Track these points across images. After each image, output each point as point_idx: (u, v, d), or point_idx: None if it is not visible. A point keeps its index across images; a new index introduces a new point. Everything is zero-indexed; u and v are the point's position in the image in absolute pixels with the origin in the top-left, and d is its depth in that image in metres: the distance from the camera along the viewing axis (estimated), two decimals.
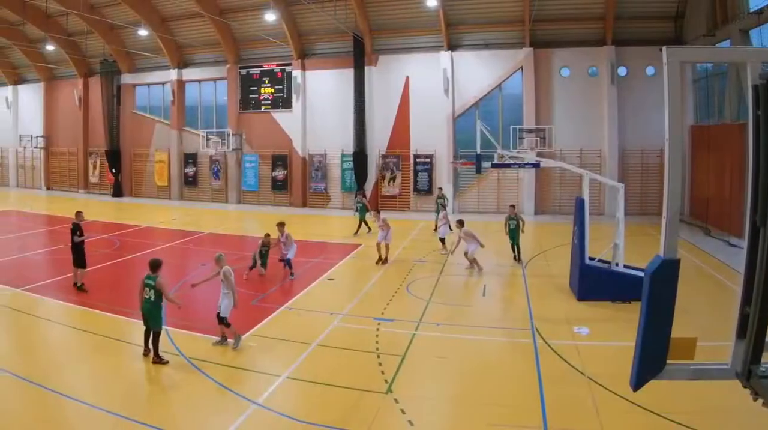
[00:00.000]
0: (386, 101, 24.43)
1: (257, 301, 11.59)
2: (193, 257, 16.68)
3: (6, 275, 13.46)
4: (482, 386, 7.60)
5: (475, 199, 23.38)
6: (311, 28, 25.67)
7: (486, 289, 12.48)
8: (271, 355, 8.91)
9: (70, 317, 10.61)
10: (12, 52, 34.64)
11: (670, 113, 2.76)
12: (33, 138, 34.66)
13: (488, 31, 22.76)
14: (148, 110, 31.11)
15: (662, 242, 2.91)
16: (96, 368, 8.38)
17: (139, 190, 31.25)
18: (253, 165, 27.51)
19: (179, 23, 28.08)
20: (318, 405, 7.11)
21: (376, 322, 10.10)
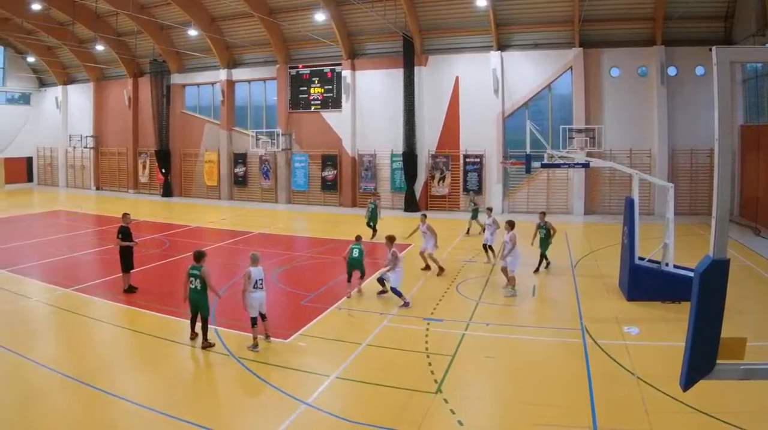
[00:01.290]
0: (436, 101, 28.20)
1: (307, 301, 13.48)
2: (242, 257, 19.08)
3: (56, 275, 15.80)
4: (532, 386, 8.64)
5: (524, 200, 26.91)
6: (361, 28, 29.65)
7: (535, 289, 14.17)
8: (320, 355, 10.23)
9: (119, 317, 12.39)
10: (62, 52, 40.16)
11: (720, 113, 3.01)
12: (82, 138, 40.19)
13: (538, 31, 26.21)
14: (197, 110, 35.99)
15: (712, 242, 3.20)
16: (145, 368, 9.75)
17: (188, 190, 36.15)
18: (303, 165, 31.79)
19: (229, 23, 32.55)
20: (367, 405, 8.10)
21: (426, 322, 11.64)
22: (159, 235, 22.28)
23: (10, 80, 42.65)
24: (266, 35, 31.22)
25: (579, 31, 25.07)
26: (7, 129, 42.28)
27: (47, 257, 18.57)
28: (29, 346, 10.52)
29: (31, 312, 12.95)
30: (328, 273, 16.06)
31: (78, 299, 13.62)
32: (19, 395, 8.51)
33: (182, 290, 10.48)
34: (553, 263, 16.49)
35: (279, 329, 11.09)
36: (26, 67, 43.06)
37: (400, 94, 28.51)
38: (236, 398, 8.52)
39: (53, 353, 10.37)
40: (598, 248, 18.97)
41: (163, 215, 28.53)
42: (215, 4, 31.66)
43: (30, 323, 12.14)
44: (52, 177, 43.46)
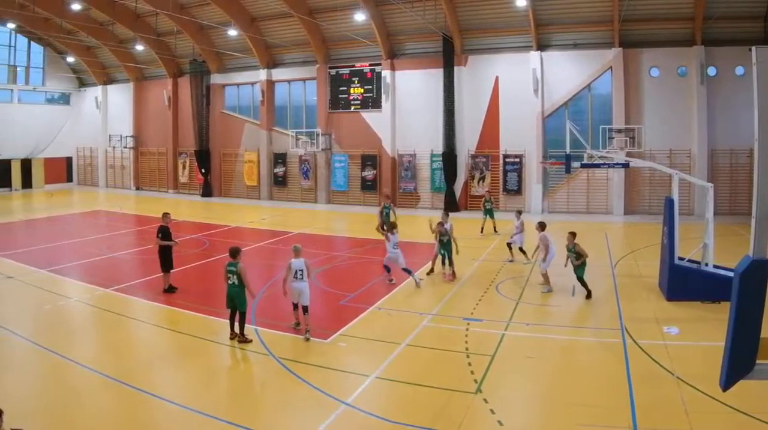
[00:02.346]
0: (475, 101, 31.37)
1: (346, 301, 14.89)
2: (282, 257, 20.78)
3: (96, 276, 17.53)
4: (571, 386, 9.57)
5: (564, 200, 29.86)
6: (400, 28, 33.01)
7: (575, 289, 15.36)
8: (360, 355, 11.39)
9: (158, 317, 13.83)
10: (101, 52, 44.82)
11: (760, 113, 3.36)
12: (122, 138, 44.75)
13: (577, 31, 29.11)
14: (237, 110, 40.07)
15: (752, 242, 3.56)
16: (184, 368, 10.82)
17: (228, 190, 40.23)
18: (343, 165, 35.33)
19: (268, 23, 36.33)
20: (407, 405, 9.00)
21: (466, 322, 12.90)
22: (198, 235, 25.00)
23: (50, 80, 47.69)
24: (306, 35, 34.80)
25: (619, 31, 27.82)
26: (47, 129, 47.32)
27: (87, 257, 20.71)
28: (69, 346, 11.92)
29: (71, 312, 14.57)
30: (368, 273, 17.94)
31: (118, 299, 15.27)
32: (60, 395, 9.65)
33: (223, 284, 11.99)
34: (593, 263, 16.89)
35: (319, 328, 12.56)
36: (66, 67, 47.98)
37: (440, 94, 31.74)
38: (275, 398, 9.53)
39: (93, 353, 11.72)
40: (638, 248, 21.04)
41: (203, 215, 32.04)
42: (255, 4, 35.42)
43: (70, 323, 13.78)
44: (92, 177, 48.29)
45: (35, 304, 15.26)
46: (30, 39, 45.46)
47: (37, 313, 14.50)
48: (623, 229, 26.17)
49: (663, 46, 27.72)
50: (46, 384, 10.17)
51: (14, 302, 15.51)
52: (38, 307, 14.95)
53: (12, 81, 45.42)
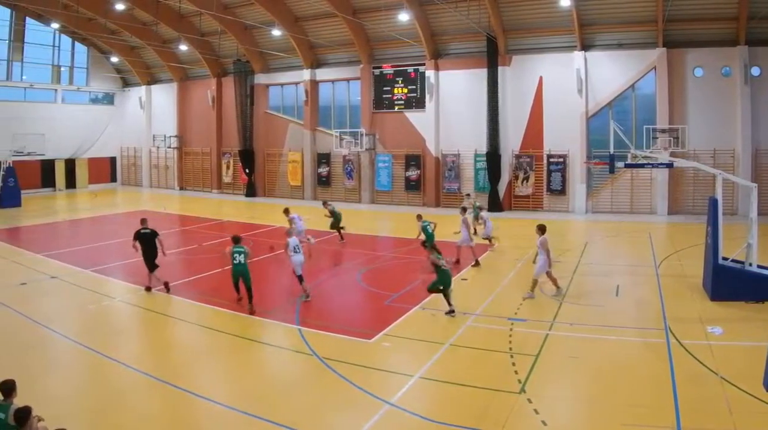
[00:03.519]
0: (519, 101, 34.44)
1: (390, 301, 16.27)
2: (325, 257, 23.19)
3: (139, 275, 18.72)
4: (615, 386, 10.45)
5: (608, 200, 32.71)
6: (444, 28, 36.26)
7: (619, 289, 16.84)
8: (404, 355, 12.47)
9: (201, 317, 15.20)
10: (145, 52, 49.26)
11: None
12: (166, 138, 49.06)
13: (621, 31, 31.95)
14: (281, 110, 44.07)
15: None
16: (228, 367, 11.94)
17: (272, 190, 44.26)
18: (387, 165, 38.76)
19: (312, 23, 40.04)
20: (451, 405, 9.84)
21: (510, 322, 14.04)
22: (242, 235, 27.29)
23: (93, 80, 52.62)
24: (350, 35, 38.33)
25: (663, 31, 30.53)
26: (91, 129, 52.29)
27: (130, 257, 21.20)
28: (113, 346, 13.07)
29: (114, 312, 16.03)
30: (412, 273, 19.26)
31: (161, 299, 16.77)
32: (104, 395, 10.61)
33: (229, 262, 15.69)
34: (637, 263, 20.64)
35: (362, 328, 13.98)
36: (110, 67, 52.79)
37: (484, 95, 34.93)
38: (319, 398, 10.40)
39: (137, 352, 12.90)
40: (682, 248, 22.83)
41: (247, 215, 35.56)
42: (299, 4, 39.18)
43: (114, 323, 15.17)
44: (136, 177, 52.96)
45: (79, 304, 16.84)
46: (74, 39, 50.44)
47: (81, 313, 15.99)
48: (667, 229, 28.74)
49: (706, 46, 30.37)
50: (90, 384, 11.30)
51: (58, 302, 17.13)
52: (82, 307, 16.49)
53: (56, 81, 50.38)
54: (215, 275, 19.54)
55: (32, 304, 16.69)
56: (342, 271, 20.68)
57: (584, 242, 24.76)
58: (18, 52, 47.08)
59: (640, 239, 25.43)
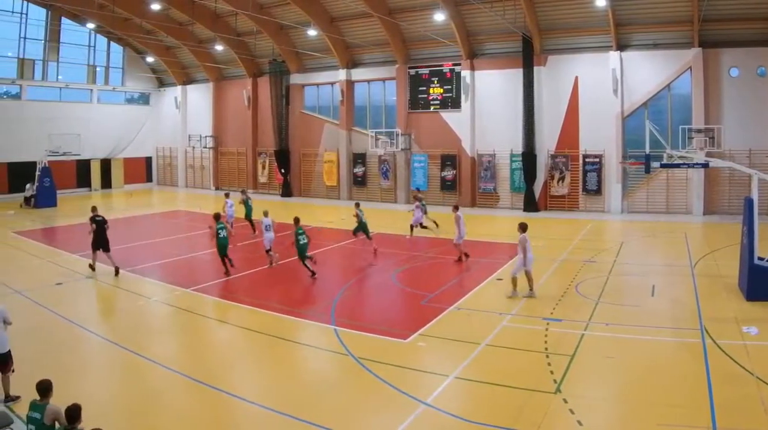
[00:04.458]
0: (555, 101, 36.63)
1: (426, 301, 17.26)
2: (361, 257, 24.57)
3: (175, 275, 20.31)
4: (651, 386, 10.95)
5: (644, 199, 34.74)
6: (480, 28, 38.57)
7: (655, 289, 17.74)
8: (439, 355, 13.19)
9: (237, 317, 16.23)
10: (181, 52, 52.40)
11: None
12: (202, 138, 52.14)
13: (657, 31, 33.95)
14: (317, 110, 46.95)
15: None
16: (263, 367, 12.71)
17: (307, 190, 47.15)
18: (422, 165, 41.17)
19: (348, 23, 42.63)
20: (487, 405, 10.46)
21: (545, 322, 14.75)
22: (278, 235, 26.98)
23: (129, 80, 56.06)
24: (385, 35, 40.84)
25: (698, 31, 32.42)
26: (127, 129, 55.68)
27: (166, 257, 24.30)
28: (149, 346, 13.82)
29: (150, 312, 16.98)
30: (447, 273, 20.67)
31: (197, 299, 17.71)
32: (140, 395, 11.21)
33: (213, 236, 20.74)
34: (673, 263, 21.94)
35: (398, 328, 14.80)
36: (145, 67, 56.17)
37: (520, 95, 37.19)
38: (355, 398, 10.99)
39: (172, 352, 13.66)
40: (718, 248, 24.15)
41: (282, 215, 36.23)
42: (334, 4, 41.72)
43: (149, 323, 16.11)
44: (171, 177, 56.28)
45: (115, 304, 18.10)
46: (109, 39, 53.75)
47: (116, 313, 17.20)
48: (703, 229, 30.44)
49: (742, 46, 32.26)
50: (126, 384, 11.92)
51: (94, 302, 18.39)
52: (118, 307, 17.73)
53: (92, 81, 53.69)
54: (251, 274, 21.16)
55: (68, 304, 17.65)
56: (377, 271, 21.88)
57: (620, 242, 26.23)
58: (54, 52, 50.22)
59: (676, 239, 26.94)
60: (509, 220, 33.63)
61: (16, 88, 48.75)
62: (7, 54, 47.48)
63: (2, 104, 47.80)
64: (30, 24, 48.22)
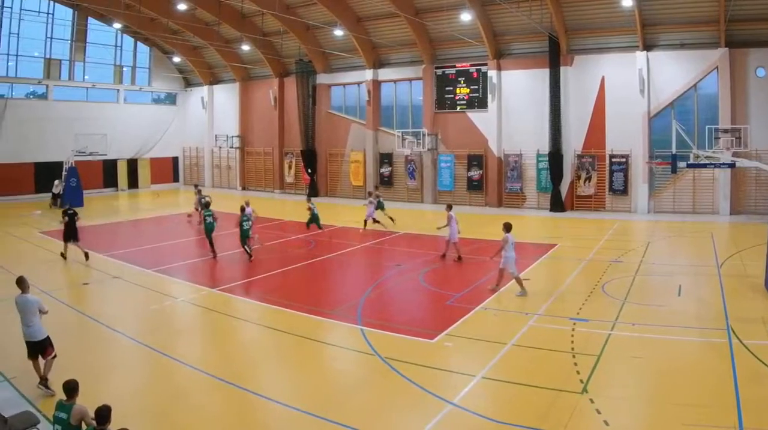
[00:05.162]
0: (582, 101, 38.11)
1: (452, 301, 17.82)
2: (388, 257, 25.59)
3: (201, 275, 21.15)
4: (677, 385, 11.38)
5: (670, 200, 36.13)
6: (506, 28, 40.18)
7: (681, 289, 18.32)
8: (466, 355, 13.63)
9: (263, 317, 16.65)
10: (207, 52, 54.58)
11: None
12: (228, 138, 54.22)
13: (683, 31, 35.32)
14: (343, 110, 48.95)
15: None
16: (290, 367, 13.14)
17: (334, 190, 49.16)
18: (449, 165, 42.87)
19: (374, 23, 44.47)
20: (513, 405, 10.83)
21: (572, 322, 15.15)
22: (305, 235, 30.23)
23: (156, 80, 58.35)
24: (412, 35, 42.56)
25: (725, 31, 33.73)
26: (153, 129, 57.94)
27: (193, 257, 25.31)
28: (176, 346, 14.30)
29: (177, 312, 17.55)
30: (474, 273, 21.17)
31: (223, 299, 18.37)
32: (167, 395, 11.56)
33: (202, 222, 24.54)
34: (699, 263, 22.68)
35: (424, 328, 15.30)
36: (172, 67, 58.47)
37: (546, 94, 38.71)
38: (381, 398, 11.35)
39: (199, 352, 14.10)
40: (744, 248, 24.73)
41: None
42: (361, 4, 43.56)
43: (176, 323, 16.64)
44: (198, 177, 58.61)
45: (142, 304, 18.41)
46: (136, 39, 56.11)
47: (143, 313, 17.45)
48: (729, 229, 31.53)
49: None
50: (153, 384, 12.27)
51: (121, 302, 18.65)
52: (145, 307, 18.02)
53: (118, 81, 56.06)
54: (278, 274, 21.95)
55: (95, 304, 18.44)
56: (404, 271, 22.28)
57: (646, 242, 27.19)
58: (80, 52, 52.60)
59: (703, 238, 27.91)
60: (536, 220, 35.74)
61: (42, 89, 51.05)
62: (34, 54, 49.80)
63: (29, 104, 50.10)
64: (56, 24, 50.51)
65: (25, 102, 49.95)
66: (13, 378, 12.14)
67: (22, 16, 48.00)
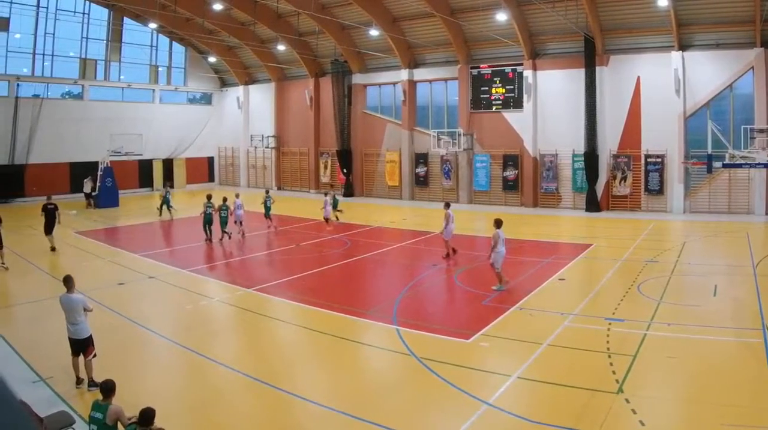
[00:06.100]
0: (617, 101, 39.96)
1: (488, 301, 18.37)
2: (424, 257, 26.44)
3: (237, 275, 21.87)
4: (713, 386, 11.78)
5: (706, 200, 37.85)
6: (542, 28, 42.15)
7: (717, 289, 18.92)
8: (501, 355, 14.26)
9: (299, 317, 17.33)
10: (243, 52, 57.22)
11: None
12: (264, 138, 56.83)
13: (719, 31, 37.00)
14: (378, 110, 51.33)
15: None
16: (326, 368, 13.68)
17: (369, 190, 51.59)
18: (484, 165, 44.99)
19: (410, 23, 46.69)
20: (549, 405, 11.26)
21: (607, 322, 15.68)
22: (340, 235, 31.53)
23: (191, 80, 61.24)
24: (447, 35, 44.65)
25: (760, 31, 35.34)
26: (189, 129, 60.75)
27: (228, 257, 26.74)
28: (211, 346, 14.80)
29: (212, 312, 18.14)
30: (510, 273, 21.13)
31: (259, 299, 19.03)
32: (202, 395, 11.99)
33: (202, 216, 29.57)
34: (735, 263, 23.49)
35: (460, 328, 15.80)
36: (207, 67, 61.28)
37: (582, 94, 40.63)
38: (417, 398, 11.77)
39: (235, 353, 14.67)
40: None
41: (345, 215, 38.97)
42: (396, 4, 45.74)
43: (212, 323, 17.21)
44: (233, 177, 61.42)
45: (177, 304, 19.18)
46: (171, 39, 59.09)
47: (178, 313, 18.15)
48: (765, 229, 32.99)
49: None
50: (189, 384, 12.73)
51: (156, 302, 19.50)
52: (180, 307, 18.74)
53: (154, 81, 59.06)
54: (313, 274, 22.83)
55: (130, 304, 18.87)
56: (439, 271, 23.32)
57: (682, 242, 28.23)
58: (116, 52, 55.50)
59: (738, 238, 29.00)
60: (572, 220, 37.66)
61: (78, 89, 53.98)
62: (70, 54, 52.64)
63: (65, 104, 52.92)
64: (92, 24, 53.34)
65: (60, 102, 52.63)
66: (49, 378, 12.65)
67: (58, 16, 50.91)
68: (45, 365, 13.28)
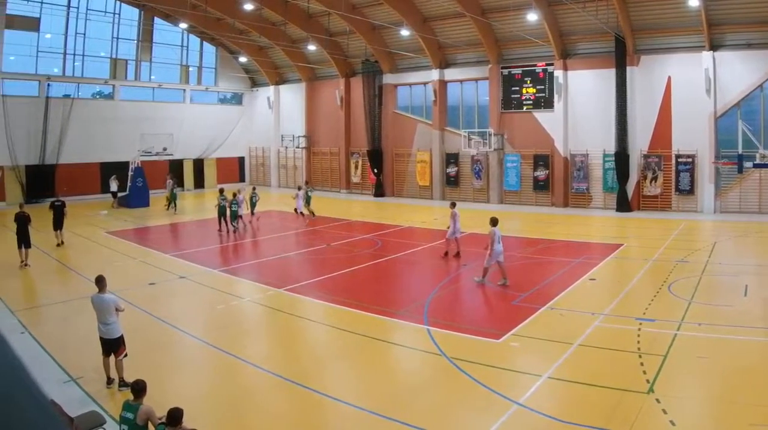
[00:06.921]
0: (648, 101, 41.48)
1: (518, 301, 18.97)
2: (453, 257, 26.45)
3: (268, 275, 22.42)
4: (744, 386, 12.13)
5: (736, 200, 39.24)
6: (572, 28, 43.73)
7: (747, 289, 19.33)
8: (532, 355, 14.70)
9: (330, 317, 17.91)
10: (274, 52, 59.38)
11: None
12: (294, 138, 59.00)
13: (750, 31, 38.39)
14: (409, 110, 53.30)
15: None
16: (356, 368, 14.11)
17: (400, 190, 53.57)
18: (515, 165, 46.71)
19: (441, 23, 48.52)
20: (579, 405, 11.59)
21: (638, 322, 16.14)
22: (371, 235, 32.88)
23: (222, 80, 63.55)
24: (478, 35, 46.36)
25: None
26: (220, 129, 63.13)
27: (259, 257, 27.76)
28: (242, 346, 15.27)
29: (243, 312, 18.80)
30: (540, 273, 22.74)
31: (290, 299, 19.61)
32: (233, 395, 12.34)
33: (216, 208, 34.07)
34: (766, 263, 24.49)
35: (490, 328, 16.34)
36: (238, 67, 63.63)
37: (612, 94, 42.18)
38: (448, 398, 12.10)
39: (266, 352, 15.17)
40: None
41: (376, 215, 41.89)
42: (427, 4, 47.57)
43: (242, 323, 17.80)
44: (264, 177, 63.78)
45: (208, 304, 19.78)
46: (202, 39, 61.39)
47: (209, 313, 18.69)
48: None
49: None
50: (219, 384, 13.13)
51: (187, 302, 20.14)
52: (211, 307, 19.32)
53: (184, 81, 61.41)
54: (344, 274, 23.65)
55: (161, 304, 19.60)
56: (469, 271, 23.65)
57: (712, 242, 28.95)
58: (146, 52, 57.76)
59: (757, 243, 29.72)
60: (602, 220, 39.12)
61: (109, 89, 56.30)
62: (100, 54, 54.96)
63: (95, 104, 55.27)
64: (123, 24, 55.58)
65: (91, 102, 54.94)
66: (79, 378, 13.10)
67: (89, 16, 53.24)
68: (75, 365, 13.84)
